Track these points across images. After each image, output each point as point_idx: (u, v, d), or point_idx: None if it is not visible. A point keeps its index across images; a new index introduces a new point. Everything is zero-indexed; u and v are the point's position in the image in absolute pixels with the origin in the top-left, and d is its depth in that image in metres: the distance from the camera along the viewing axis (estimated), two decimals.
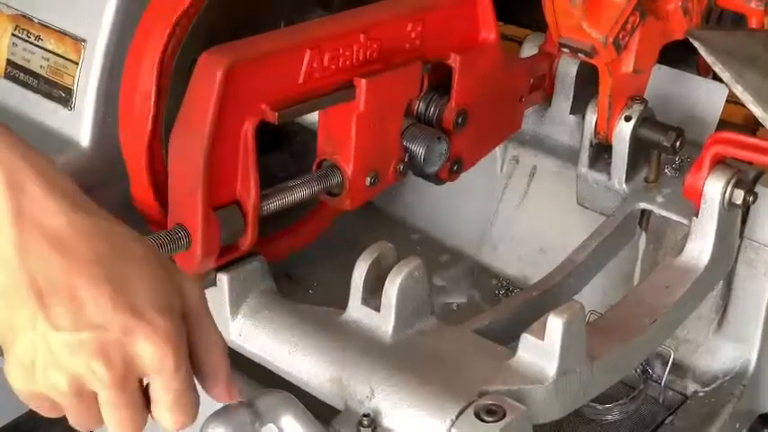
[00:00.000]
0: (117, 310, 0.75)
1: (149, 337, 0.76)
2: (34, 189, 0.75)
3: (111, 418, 0.79)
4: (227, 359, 0.85)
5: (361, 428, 0.97)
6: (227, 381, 0.85)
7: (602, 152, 1.40)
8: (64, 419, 0.81)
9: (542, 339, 1.00)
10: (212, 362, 0.83)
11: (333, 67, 1.14)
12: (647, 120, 1.35)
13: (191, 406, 0.81)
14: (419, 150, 1.25)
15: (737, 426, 1.37)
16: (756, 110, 1.21)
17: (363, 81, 1.16)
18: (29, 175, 0.75)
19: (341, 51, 1.15)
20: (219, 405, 0.89)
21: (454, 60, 1.26)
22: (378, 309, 1.06)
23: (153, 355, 0.77)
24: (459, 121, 1.28)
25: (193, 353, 0.82)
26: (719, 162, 1.23)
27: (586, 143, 1.39)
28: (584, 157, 1.39)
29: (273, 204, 1.15)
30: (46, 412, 0.81)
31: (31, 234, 0.74)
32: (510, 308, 1.20)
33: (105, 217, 0.78)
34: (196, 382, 0.83)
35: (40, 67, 1.34)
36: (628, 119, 1.34)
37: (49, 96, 1.33)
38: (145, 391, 0.80)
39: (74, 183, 0.78)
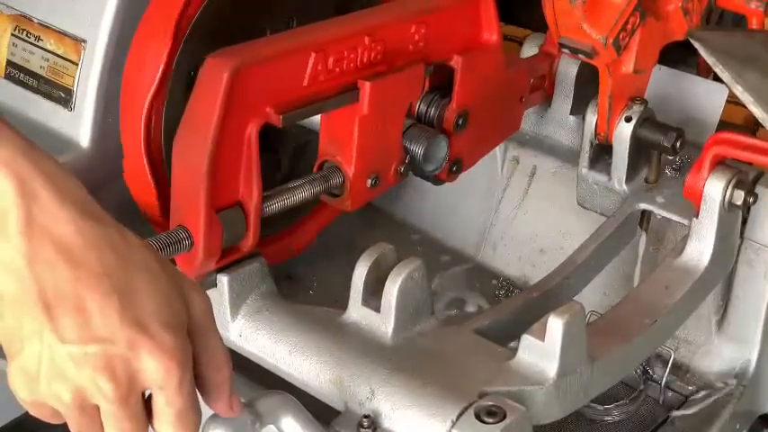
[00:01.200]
0: (123, 324, 0.75)
1: (154, 353, 0.76)
2: (45, 197, 0.74)
3: (113, 430, 0.79)
4: (231, 373, 0.85)
5: (362, 429, 0.97)
6: (229, 395, 0.85)
7: (602, 153, 1.40)
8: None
9: (543, 340, 1.00)
10: (215, 376, 0.83)
11: (337, 69, 1.14)
12: (647, 120, 1.35)
13: (193, 421, 0.81)
14: (419, 151, 1.25)
15: (737, 426, 1.37)
16: (756, 110, 1.21)
17: (367, 84, 1.16)
18: (40, 182, 0.74)
19: (345, 54, 1.15)
20: None
21: (456, 62, 1.26)
22: (378, 310, 1.06)
23: (157, 370, 0.76)
24: (460, 122, 1.28)
25: (197, 366, 0.81)
26: (720, 163, 1.23)
27: (586, 144, 1.39)
28: (585, 157, 1.39)
29: (275, 206, 1.15)
30: (47, 419, 0.81)
31: (40, 243, 0.73)
32: (510, 308, 1.20)
33: (114, 225, 0.78)
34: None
35: (40, 67, 1.34)
36: (628, 119, 1.34)
37: (48, 97, 1.33)
38: (147, 401, 0.80)
39: (82, 187, 0.77)
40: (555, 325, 0.99)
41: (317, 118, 1.21)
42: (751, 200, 1.24)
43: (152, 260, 0.78)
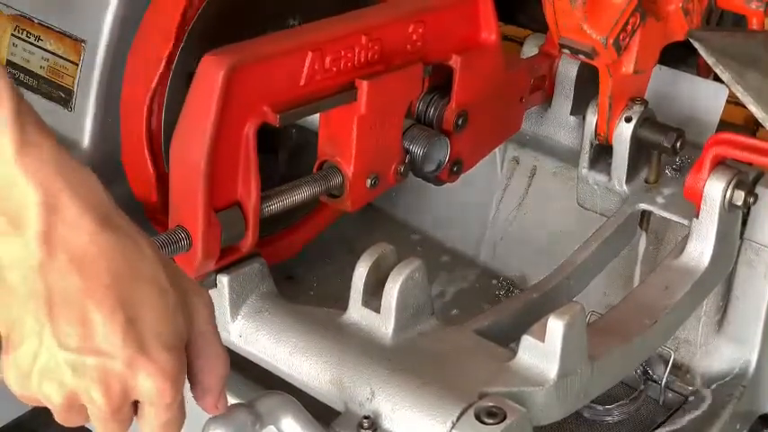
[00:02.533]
0: (126, 343, 0.76)
1: (151, 374, 0.77)
2: (68, 209, 0.75)
3: (99, 428, 0.81)
4: (225, 378, 0.86)
5: (362, 430, 0.97)
6: (218, 396, 0.86)
7: (602, 153, 1.40)
8: None
9: (543, 341, 1.00)
10: (207, 379, 0.85)
11: (334, 68, 1.14)
12: (647, 120, 1.35)
13: (176, 428, 0.83)
14: (419, 151, 1.25)
15: (738, 426, 1.38)
16: (756, 110, 1.21)
17: (365, 83, 1.16)
18: (65, 193, 0.74)
19: (342, 53, 1.15)
20: None
21: (455, 61, 1.26)
22: (378, 310, 1.06)
23: (150, 389, 0.78)
24: (460, 122, 1.28)
25: (191, 367, 0.83)
26: (720, 163, 1.23)
27: (587, 144, 1.39)
28: (585, 157, 1.39)
29: (274, 206, 1.15)
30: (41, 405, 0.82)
31: (55, 252, 0.74)
32: (510, 309, 1.20)
33: (130, 234, 0.78)
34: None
35: (40, 67, 1.34)
36: (628, 120, 1.34)
37: (48, 97, 1.33)
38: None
39: (105, 193, 0.78)
40: (555, 326, 0.99)
41: (317, 118, 1.21)
42: (751, 200, 1.24)
43: (161, 273, 0.79)
